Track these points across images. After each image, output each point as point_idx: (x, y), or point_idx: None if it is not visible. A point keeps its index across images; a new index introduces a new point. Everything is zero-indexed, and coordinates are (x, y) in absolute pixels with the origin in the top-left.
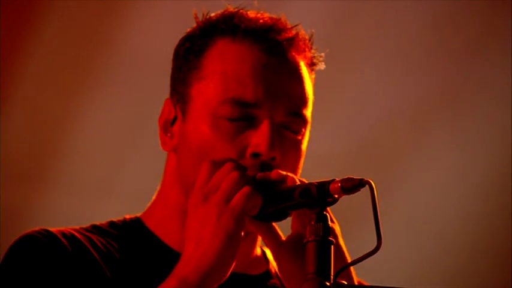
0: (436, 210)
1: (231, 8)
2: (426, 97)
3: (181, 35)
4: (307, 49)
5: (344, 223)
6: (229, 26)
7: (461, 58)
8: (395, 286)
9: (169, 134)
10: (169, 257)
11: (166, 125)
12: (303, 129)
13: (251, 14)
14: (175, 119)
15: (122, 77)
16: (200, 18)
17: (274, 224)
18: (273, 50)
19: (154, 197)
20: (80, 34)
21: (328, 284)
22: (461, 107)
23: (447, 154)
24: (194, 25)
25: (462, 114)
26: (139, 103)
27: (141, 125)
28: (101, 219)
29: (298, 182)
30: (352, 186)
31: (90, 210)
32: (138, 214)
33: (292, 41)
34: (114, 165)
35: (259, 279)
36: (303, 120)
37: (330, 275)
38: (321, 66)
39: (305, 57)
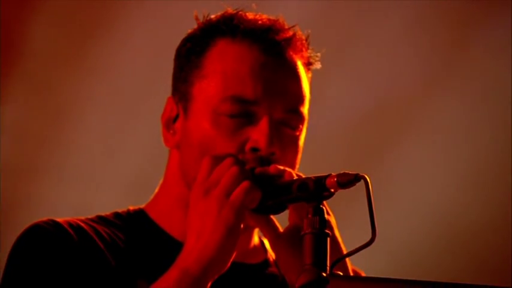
0: (427, 198)
1: (231, 10)
2: (417, 81)
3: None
4: (304, 49)
5: (339, 215)
6: (229, 26)
7: (451, 46)
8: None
9: (171, 131)
10: (172, 247)
11: (169, 123)
12: (300, 126)
13: (250, 15)
14: (177, 116)
15: (114, 68)
16: (201, 19)
17: (272, 216)
18: (271, 49)
19: (156, 190)
20: (77, 25)
21: (324, 274)
22: (451, 94)
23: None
24: (195, 26)
25: (450, 103)
26: (130, 94)
27: (133, 116)
28: (92, 210)
29: (296, 177)
30: (348, 181)
31: (81, 201)
32: (142, 206)
33: (290, 41)
34: (105, 156)
35: (258, 268)
36: (300, 117)
37: (326, 266)
38: (317, 65)
39: (302, 57)
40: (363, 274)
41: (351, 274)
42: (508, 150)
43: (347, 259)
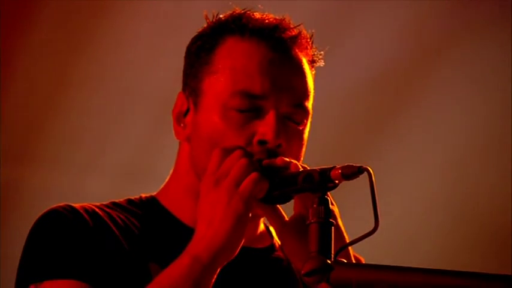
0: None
1: (239, 10)
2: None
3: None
4: (308, 47)
5: (342, 205)
6: (237, 25)
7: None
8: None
9: (182, 125)
10: (183, 232)
11: (180, 117)
12: (305, 120)
13: (257, 15)
14: (187, 110)
15: (108, 56)
16: (210, 18)
17: (278, 206)
18: (278, 47)
19: (167, 180)
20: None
21: (329, 261)
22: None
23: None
24: (204, 25)
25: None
26: (124, 81)
27: (127, 103)
28: (86, 196)
29: (301, 169)
30: (352, 173)
31: (75, 187)
32: (153, 193)
33: (296, 39)
34: (99, 143)
35: (265, 252)
36: (305, 112)
37: (331, 253)
38: (321, 63)
39: (307, 55)
40: (363, 260)
41: (353, 260)
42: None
43: (349, 246)
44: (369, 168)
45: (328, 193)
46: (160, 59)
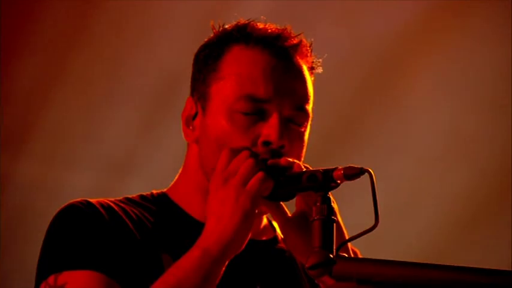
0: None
1: (243, 20)
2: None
3: None
4: (308, 55)
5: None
6: (242, 34)
7: None
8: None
9: (191, 127)
10: (192, 226)
11: (189, 120)
12: (306, 122)
13: (260, 25)
14: (196, 114)
15: (94, 51)
16: (216, 28)
17: (281, 203)
18: (280, 54)
19: (177, 177)
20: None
21: (331, 256)
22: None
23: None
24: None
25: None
26: (111, 76)
27: (114, 98)
28: (70, 190)
29: (304, 169)
30: (354, 174)
31: (59, 181)
32: (164, 190)
33: (297, 47)
34: (84, 137)
35: (269, 243)
36: (306, 114)
37: (333, 248)
38: (319, 70)
39: (307, 62)
40: (358, 252)
41: (351, 253)
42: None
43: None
44: (370, 170)
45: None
46: (147, 54)
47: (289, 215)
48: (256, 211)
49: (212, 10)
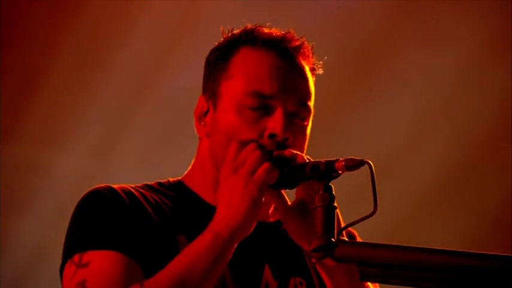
0: None
1: (250, 25)
2: None
3: None
4: (310, 56)
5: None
6: (249, 37)
7: None
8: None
9: (202, 123)
10: (206, 209)
11: (200, 116)
12: (308, 117)
13: (265, 29)
14: (207, 111)
15: (84, 36)
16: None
17: (283, 191)
18: (284, 55)
19: (190, 167)
20: None
21: (333, 240)
22: None
23: None
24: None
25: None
26: (97, 62)
27: (98, 84)
28: (54, 172)
29: (307, 160)
30: (354, 165)
31: (42, 163)
32: (179, 178)
33: (299, 48)
34: (68, 121)
35: (274, 225)
36: (308, 110)
37: (334, 233)
38: (320, 71)
39: (309, 62)
40: (356, 233)
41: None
42: None
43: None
44: (370, 162)
45: None
46: (132, 39)
47: (289, 203)
48: (264, 199)
49: (184, 10)
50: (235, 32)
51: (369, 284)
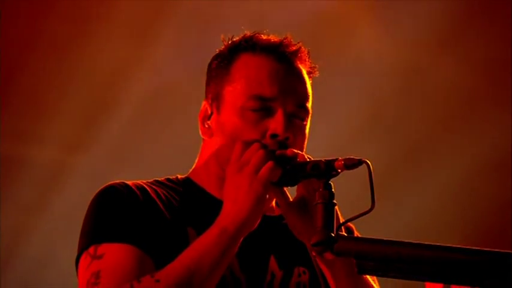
0: None
1: (249, 33)
2: None
3: None
4: (307, 60)
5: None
6: (249, 44)
7: None
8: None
9: (206, 126)
10: (213, 203)
11: (204, 119)
12: (306, 118)
13: (264, 36)
14: (211, 114)
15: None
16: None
17: (285, 189)
18: (282, 59)
19: (194, 166)
20: None
21: (332, 235)
22: None
23: None
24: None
25: None
26: (73, 55)
27: (74, 77)
28: (27, 165)
29: (307, 159)
30: (353, 164)
31: (17, 156)
32: (186, 175)
33: (296, 52)
34: (43, 114)
35: (277, 219)
36: (306, 111)
37: (333, 228)
38: (316, 74)
39: (306, 66)
40: (353, 227)
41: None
42: None
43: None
44: (368, 161)
45: None
46: (105, 33)
47: (291, 199)
48: (267, 196)
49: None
50: (235, 39)
51: (366, 276)
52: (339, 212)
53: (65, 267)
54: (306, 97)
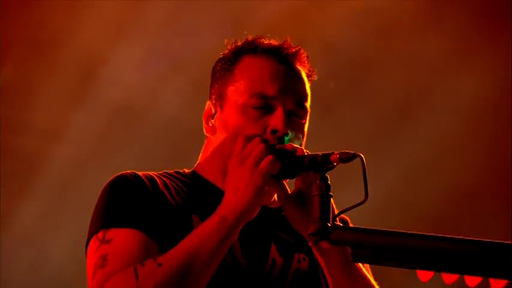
0: None
1: (250, 37)
2: None
3: None
4: (306, 62)
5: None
6: (251, 47)
7: None
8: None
9: (210, 124)
10: (217, 193)
11: (209, 118)
12: (305, 116)
13: (265, 39)
14: (214, 113)
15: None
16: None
17: (284, 182)
18: (283, 60)
19: (199, 161)
20: None
21: (329, 225)
22: None
23: None
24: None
25: None
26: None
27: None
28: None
29: (306, 153)
30: (347, 157)
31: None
32: (192, 169)
33: (296, 54)
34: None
35: (277, 210)
36: (305, 110)
37: (330, 219)
38: (314, 78)
39: (305, 67)
40: (349, 220)
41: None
42: None
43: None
44: (361, 155)
45: None
46: (87, 21)
47: (289, 192)
48: (266, 188)
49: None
50: (238, 43)
51: (360, 264)
52: (333, 204)
53: (48, 249)
54: (304, 96)
